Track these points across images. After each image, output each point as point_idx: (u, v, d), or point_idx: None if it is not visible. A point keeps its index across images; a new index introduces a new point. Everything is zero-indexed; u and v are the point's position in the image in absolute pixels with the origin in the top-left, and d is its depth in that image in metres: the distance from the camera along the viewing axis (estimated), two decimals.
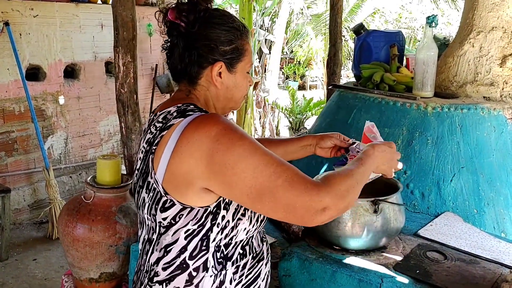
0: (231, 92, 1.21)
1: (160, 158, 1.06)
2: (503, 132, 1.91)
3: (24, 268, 3.53)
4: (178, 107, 1.13)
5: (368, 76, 2.25)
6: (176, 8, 1.14)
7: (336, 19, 3.92)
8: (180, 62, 1.17)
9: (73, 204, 2.06)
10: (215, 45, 1.14)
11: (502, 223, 1.79)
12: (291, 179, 1.00)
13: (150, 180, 1.09)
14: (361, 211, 1.46)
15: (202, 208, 1.07)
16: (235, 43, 1.17)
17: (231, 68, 1.18)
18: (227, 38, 1.16)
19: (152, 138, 1.13)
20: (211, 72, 1.16)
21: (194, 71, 1.16)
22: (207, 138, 1.01)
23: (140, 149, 1.20)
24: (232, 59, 1.17)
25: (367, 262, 1.47)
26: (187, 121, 1.05)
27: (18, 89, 4.13)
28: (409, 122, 1.97)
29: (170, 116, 1.11)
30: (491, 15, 2.07)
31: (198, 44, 1.14)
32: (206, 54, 1.14)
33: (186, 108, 1.12)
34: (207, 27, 1.14)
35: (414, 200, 1.86)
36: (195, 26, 1.13)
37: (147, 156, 1.12)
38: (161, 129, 1.10)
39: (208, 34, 1.14)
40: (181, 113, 1.09)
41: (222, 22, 1.16)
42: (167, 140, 1.05)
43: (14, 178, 4.23)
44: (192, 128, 1.03)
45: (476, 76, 2.07)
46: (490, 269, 1.42)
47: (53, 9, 4.36)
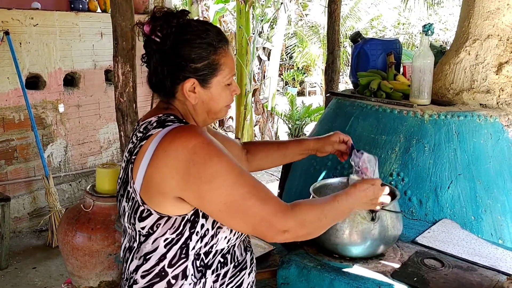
0: (207, 106, 1.20)
1: (138, 167, 1.07)
2: (500, 139, 1.92)
3: (23, 277, 3.53)
4: (158, 117, 1.14)
5: (366, 84, 2.27)
6: (151, 23, 1.14)
7: (333, 26, 3.95)
8: (155, 76, 1.17)
9: (72, 212, 2.07)
10: (185, 63, 1.13)
11: (500, 230, 1.80)
12: (263, 199, 1.07)
13: (130, 189, 1.11)
14: (358, 219, 1.47)
15: (179, 217, 1.09)
16: (208, 59, 1.15)
17: (204, 84, 1.17)
18: (199, 55, 1.14)
19: (133, 147, 1.14)
20: (183, 88, 1.16)
21: (167, 87, 1.17)
22: (184, 149, 1.02)
23: (123, 158, 1.21)
24: (205, 75, 1.16)
25: (365, 269, 1.47)
26: (165, 131, 1.07)
27: (18, 98, 4.15)
28: (406, 130, 1.98)
29: (150, 126, 1.13)
30: (486, 23, 2.09)
31: (169, 61, 1.14)
32: (176, 71, 1.14)
33: (166, 118, 1.13)
34: (178, 44, 1.13)
35: (412, 207, 1.87)
36: (167, 42, 1.12)
37: (127, 166, 1.13)
38: (141, 139, 1.11)
39: (178, 51, 1.13)
40: (161, 123, 1.11)
41: (193, 38, 1.14)
42: (145, 150, 1.07)
43: (14, 186, 4.23)
44: (169, 139, 1.05)
45: (472, 83, 2.09)
46: (487, 276, 1.43)
47: (53, 18, 4.39)
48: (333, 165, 2.11)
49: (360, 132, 2.09)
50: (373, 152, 1.98)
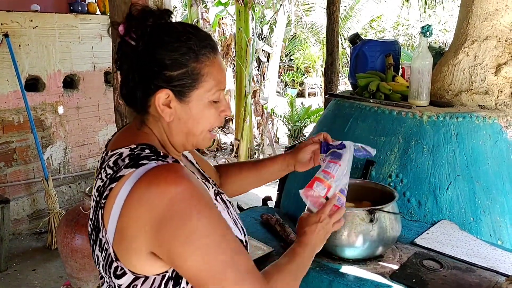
0: (186, 126, 1.00)
1: (110, 214, 0.89)
2: (498, 140, 1.92)
3: (23, 279, 3.53)
4: (131, 150, 0.95)
5: (364, 85, 2.27)
6: (126, 22, 0.97)
7: (333, 28, 3.96)
8: (125, 86, 0.99)
9: (71, 215, 2.07)
10: (158, 69, 0.94)
11: (499, 230, 1.80)
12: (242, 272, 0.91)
13: (102, 238, 0.93)
14: (357, 221, 1.47)
15: (158, 276, 0.92)
16: (186, 67, 0.96)
17: (181, 97, 0.97)
18: (175, 61, 0.95)
19: (102, 187, 0.94)
20: (155, 101, 0.96)
21: (139, 98, 0.97)
22: (160, 200, 0.84)
23: (92, 195, 1.01)
24: (183, 86, 0.96)
25: (364, 271, 1.48)
26: (139, 173, 0.88)
27: (18, 100, 4.15)
28: (405, 131, 1.98)
29: (122, 162, 0.93)
30: (485, 25, 2.09)
31: (140, 67, 0.95)
32: (148, 79, 0.95)
33: (140, 153, 0.93)
34: (153, 46, 0.95)
35: (410, 209, 1.87)
36: (139, 44, 0.95)
37: (97, 209, 0.95)
38: (111, 179, 0.92)
39: (152, 54, 0.94)
40: (134, 160, 0.91)
41: (171, 41, 0.95)
42: (116, 195, 0.88)
43: (14, 189, 4.23)
44: (144, 185, 0.86)
45: (471, 84, 2.09)
46: (486, 277, 1.43)
47: (52, 20, 4.40)
48: None
49: (359, 134, 2.09)
50: None
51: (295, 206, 2.19)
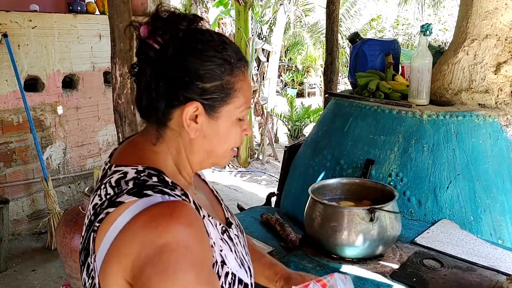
0: (210, 144, 0.91)
1: (101, 241, 0.80)
2: (499, 139, 1.92)
3: (23, 279, 3.52)
4: (137, 172, 0.85)
5: (364, 84, 2.27)
6: (151, 24, 0.86)
7: (332, 27, 3.95)
8: (146, 95, 0.88)
9: (70, 215, 2.06)
10: (191, 79, 0.85)
11: (499, 229, 1.79)
12: None
13: (90, 263, 0.83)
14: (357, 220, 1.47)
15: None
16: (221, 80, 0.87)
17: (211, 112, 0.88)
18: (210, 72, 0.86)
19: (99, 207, 0.84)
20: (182, 114, 0.87)
21: (161, 110, 0.87)
22: (150, 244, 0.75)
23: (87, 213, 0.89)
24: (214, 100, 0.87)
25: (364, 270, 1.47)
26: (141, 206, 0.79)
27: (17, 100, 4.14)
28: (405, 130, 1.98)
29: (125, 185, 0.83)
30: (485, 23, 2.08)
31: (169, 75, 0.85)
32: (177, 89, 0.86)
33: (146, 180, 0.83)
34: (185, 54, 0.85)
35: (411, 208, 1.87)
36: (169, 49, 0.85)
37: (90, 230, 0.85)
38: (110, 202, 0.82)
39: (184, 62, 0.85)
40: (138, 187, 0.82)
41: (206, 49, 0.86)
42: (112, 222, 0.80)
43: (13, 189, 4.23)
44: (142, 223, 0.77)
45: (471, 83, 2.09)
46: (486, 276, 1.42)
47: (51, 20, 4.39)
48: (332, 165, 2.11)
49: (359, 133, 2.09)
50: (372, 153, 2.00)
51: (294, 206, 2.19)
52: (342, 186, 1.76)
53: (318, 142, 2.26)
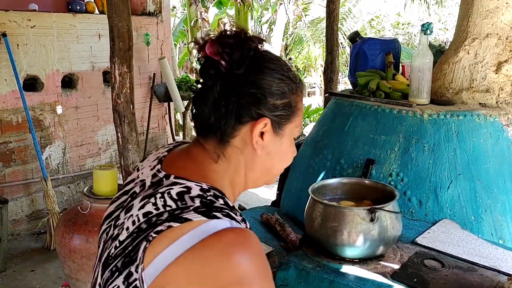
0: (272, 162, 0.93)
1: (157, 254, 0.77)
2: (500, 139, 1.91)
3: (22, 280, 3.51)
4: (202, 190, 0.84)
5: (364, 84, 2.26)
6: (218, 41, 0.87)
7: (332, 26, 3.94)
8: (214, 112, 0.87)
9: (69, 215, 2.05)
10: (263, 95, 0.87)
11: (500, 229, 1.79)
12: None
13: (134, 272, 0.79)
14: (357, 220, 1.46)
15: None
16: (289, 97, 0.90)
17: (277, 129, 0.90)
18: (280, 89, 0.88)
19: (155, 216, 0.81)
20: (252, 130, 0.88)
21: (229, 126, 0.87)
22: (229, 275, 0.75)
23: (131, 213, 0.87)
24: (282, 118, 0.90)
25: (365, 271, 1.46)
26: (210, 229, 0.77)
27: (16, 100, 4.13)
28: (405, 129, 1.97)
29: (190, 201, 0.82)
30: (485, 22, 2.07)
31: (241, 91, 0.86)
32: (249, 105, 0.87)
33: (213, 201, 0.83)
34: (256, 71, 0.87)
35: (411, 208, 1.86)
36: (241, 67, 0.86)
37: (139, 238, 0.81)
38: (172, 216, 0.80)
39: (256, 79, 0.87)
40: (206, 207, 0.81)
41: (276, 68, 0.89)
42: (176, 238, 0.77)
43: (12, 189, 4.21)
44: (216, 249, 0.76)
45: (471, 82, 2.08)
46: (488, 276, 1.41)
47: (51, 19, 4.38)
48: (332, 165, 2.10)
49: (359, 132, 2.08)
50: (372, 153, 1.99)
51: (294, 206, 2.18)
52: (342, 186, 1.75)
53: (318, 142, 2.25)
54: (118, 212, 0.93)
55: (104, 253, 0.88)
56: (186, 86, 5.95)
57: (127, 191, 0.96)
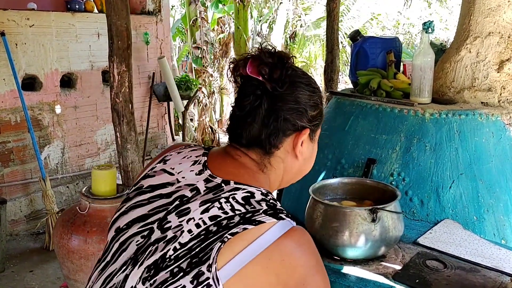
0: (306, 165, 1.05)
1: (235, 254, 0.83)
2: (502, 138, 1.89)
3: (20, 280, 3.49)
4: (263, 194, 0.92)
5: (365, 83, 2.24)
6: (259, 61, 0.94)
7: (332, 25, 3.93)
8: (263, 128, 0.95)
9: (68, 215, 2.04)
10: (304, 109, 0.97)
11: (502, 229, 1.77)
12: None
13: (206, 271, 0.83)
14: (359, 220, 1.44)
15: None
16: (320, 107, 1.01)
17: (313, 136, 1.02)
18: (314, 102, 0.99)
19: (225, 219, 0.87)
20: (296, 141, 0.98)
21: (278, 140, 0.97)
22: (302, 268, 0.85)
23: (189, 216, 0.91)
24: (316, 126, 1.02)
25: (366, 272, 1.45)
26: (283, 228, 0.86)
27: (14, 99, 4.11)
28: (407, 129, 1.95)
29: (257, 205, 0.89)
30: (487, 21, 2.06)
31: (286, 107, 0.95)
32: (294, 119, 0.96)
33: (275, 204, 0.91)
34: (294, 88, 0.96)
35: (413, 208, 1.84)
36: (285, 85, 0.94)
37: (209, 239, 0.85)
38: (244, 218, 0.86)
39: (297, 95, 0.96)
40: (273, 210, 0.89)
41: (308, 82, 0.99)
42: (252, 240, 0.83)
43: (11, 189, 4.20)
44: (290, 248, 0.85)
45: (473, 81, 2.06)
46: (490, 277, 1.40)
47: (49, 18, 4.36)
48: (333, 165, 2.08)
49: (360, 132, 2.06)
50: (373, 152, 1.97)
51: (295, 206, 2.17)
52: (343, 186, 1.74)
53: (319, 141, 2.23)
54: (160, 215, 0.94)
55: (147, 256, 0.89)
56: (185, 85, 5.93)
57: (166, 195, 0.97)
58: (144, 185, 1.01)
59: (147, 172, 1.04)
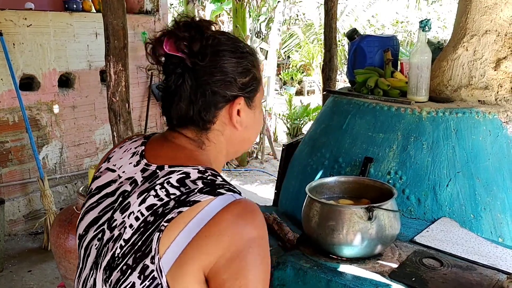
0: (249, 132, 0.99)
1: (172, 240, 0.80)
2: (499, 136, 1.89)
3: (19, 280, 3.49)
4: (200, 172, 0.87)
5: (362, 81, 2.24)
6: (174, 37, 0.89)
7: (331, 24, 3.92)
8: (192, 105, 0.91)
9: (65, 215, 2.03)
10: (233, 78, 0.91)
11: (499, 228, 1.77)
12: None
13: (150, 264, 0.80)
14: (355, 218, 1.44)
15: None
16: (252, 72, 0.95)
17: (250, 103, 0.96)
18: (244, 68, 0.93)
19: (161, 207, 0.83)
20: (231, 111, 0.93)
21: (210, 115, 0.92)
22: (241, 240, 0.80)
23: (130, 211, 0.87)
24: (251, 92, 0.96)
25: (362, 270, 1.45)
26: (221, 204, 0.82)
27: (12, 99, 4.11)
28: (404, 127, 1.95)
29: (192, 184, 0.85)
30: (484, 19, 2.06)
31: (212, 80, 0.90)
32: (223, 90, 0.91)
33: (213, 180, 0.86)
34: (218, 57, 0.90)
35: (410, 206, 1.84)
36: (206, 57, 0.89)
37: (148, 231, 0.83)
38: (179, 202, 0.82)
39: (221, 65, 0.90)
40: (210, 186, 0.84)
41: (234, 49, 0.93)
42: (188, 222, 0.80)
43: (9, 189, 4.19)
44: (229, 221, 0.80)
45: (470, 79, 2.06)
46: (487, 275, 1.40)
47: (47, 18, 4.35)
48: (330, 164, 2.08)
49: (357, 130, 2.06)
50: (370, 151, 1.97)
51: (292, 205, 2.16)
52: (340, 185, 1.74)
53: (316, 140, 2.23)
54: (108, 215, 0.92)
55: (102, 258, 0.87)
56: None
57: (110, 193, 0.95)
58: (93, 188, 0.99)
59: (95, 174, 1.01)
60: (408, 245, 1.60)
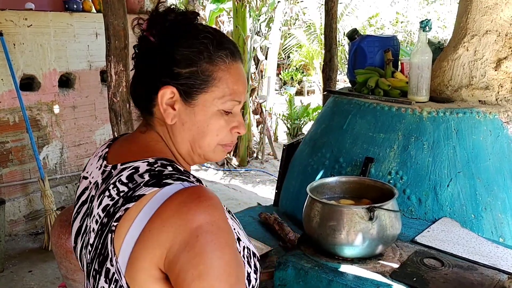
0: (190, 133, 0.91)
1: (123, 239, 0.78)
2: (499, 136, 1.89)
3: (19, 280, 3.49)
4: (149, 164, 0.84)
5: (363, 82, 2.24)
6: (150, 18, 0.90)
7: (331, 24, 3.92)
8: (134, 83, 0.94)
9: (65, 215, 2.03)
10: (168, 64, 0.87)
11: (500, 228, 1.77)
12: None
13: (110, 267, 0.79)
14: (356, 219, 1.44)
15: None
16: (196, 66, 0.87)
17: (187, 99, 0.88)
18: (185, 57, 0.87)
19: (112, 207, 0.81)
20: (161, 99, 0.88)
21: (144, 95, 0.91)
22: (185, 228, 0.75)
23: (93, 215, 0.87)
24: (190, 86, 0.88)
25: (364, 270, 1.45)
26: (165, 194, 0.78)
27: (13, 100, 4.11)
28: (404, 127, 1.95)
29: (140, 178, 0.82)
30: (485, 19, 2.06)
31: (152, 62, 0.89)
32: (156, 75, 0.88)
33: (162, 170, 0.83)
34: (167, 41, 0.88)
35: (411, 206, 1.84)
36: (158, 40, 0.89)
37: (104, 233, 0.81)
38: (126, 198, 0.80)
39: (164, 50, 0.88)
40: (156, 178, 0.81)
41: (186, 36, 0.88)
42: (134, 217, 0.78)
43: (9, 189, 4.20)
44: (173, 207, 0.77)
45: (471, 80, 2.06)
46: (488, 275, 1.40)
47: (47, 18, 4.36)
48: (331, 164, 2.08)
49: (358, 130, 2.06)
50: (371, 151, 1.97)
51: (293, 205, 2.17)
52: (341, 185, 1.74)
53: (317, 140, 2.23)
54: (86, 222, 0.92)
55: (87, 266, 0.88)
56: None
57: (85, 201, 0.96)
58: (76, 199, 0.99)
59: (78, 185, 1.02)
60: (409, 245, 1.60)
